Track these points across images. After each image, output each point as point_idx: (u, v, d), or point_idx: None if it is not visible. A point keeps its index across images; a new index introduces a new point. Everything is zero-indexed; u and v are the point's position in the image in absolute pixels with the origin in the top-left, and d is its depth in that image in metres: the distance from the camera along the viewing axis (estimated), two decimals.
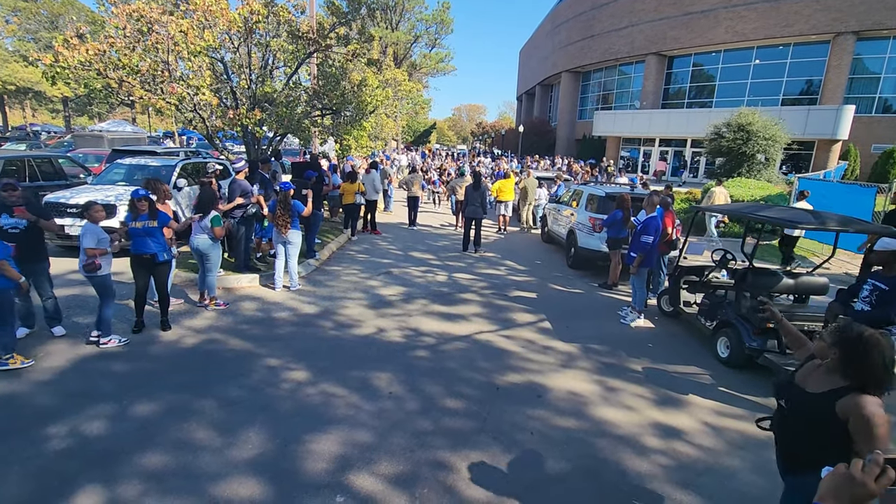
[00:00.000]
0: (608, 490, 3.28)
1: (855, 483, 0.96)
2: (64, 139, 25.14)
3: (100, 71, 6.66)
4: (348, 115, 10.75)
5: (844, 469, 0.99)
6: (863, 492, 0.95)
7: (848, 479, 0.98)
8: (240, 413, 3.96)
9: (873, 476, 0.96)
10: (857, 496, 0.96)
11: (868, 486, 0.95)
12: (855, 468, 0.98)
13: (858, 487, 0.96)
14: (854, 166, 21.20)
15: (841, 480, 0.99)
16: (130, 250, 5.23)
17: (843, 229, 4.70)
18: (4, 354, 4.52)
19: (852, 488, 0.96)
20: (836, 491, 0.99)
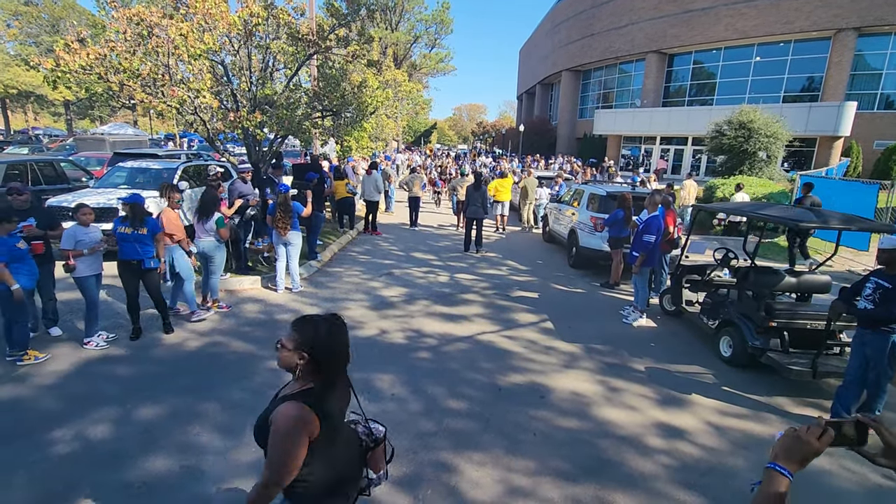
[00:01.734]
0: (612, 491, 3.28)
1: (802, 442, 1.12)
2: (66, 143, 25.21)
3: (101, 75, 6.66)
4: (349, 117, 10.74)
5: (793, 431, 1.16)
6: (808, 449, 1.11)
7: (796, 439, 1.14)
8: (243, 416, 3.96)
9: (816, 436, 1.12)
10: (804, 453, 1.12)
11: (812, 445, 1.11)
12: (802, 430, 1.14)
13: (805, 446, 1.12)
14: (856, 163, 21.13)
15: (790, 441, 1.15)
16: (118, 256, 5.17)
17: (845, 227, 4.68)
18: (19, 351, 4.65)
19: (800, 447, 1.12)
20: (787, 451, 1.14)
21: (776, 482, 1.13)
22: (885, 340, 3.89)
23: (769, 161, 17.71)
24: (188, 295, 5.86)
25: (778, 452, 1.16)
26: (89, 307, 5.03)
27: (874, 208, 9.62)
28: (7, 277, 4.36)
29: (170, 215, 5.75)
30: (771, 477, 1.14)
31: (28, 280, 4.70)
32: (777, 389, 4.85)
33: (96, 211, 7.73)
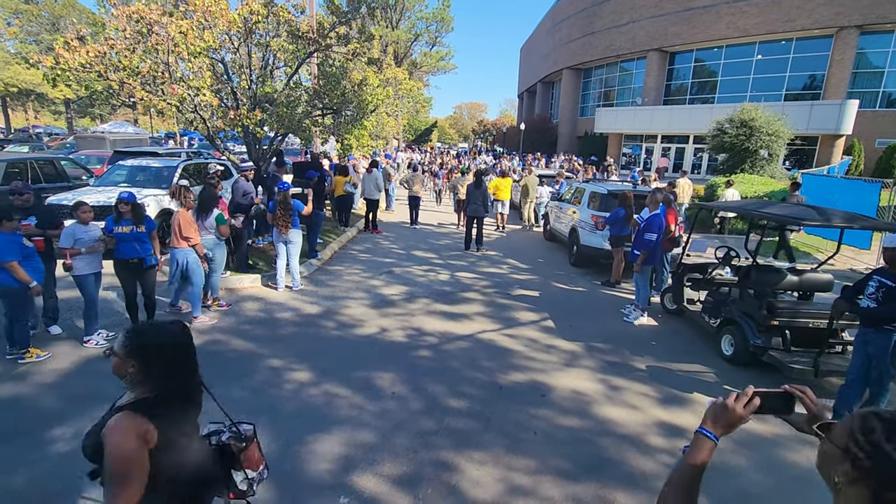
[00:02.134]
0: (613, 490, 3.27)
1: (728, 409, 1.19)
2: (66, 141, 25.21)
3: (100, 73, 6.65)
4: (349, 115, 10.73)
5: (722, 399, 1.23)
6: (734, 415, 1.19)
7: (723, 406, 1.21)
8: (243, 414, 3.93)
9: (742, 403, 1.19)
10: (730, 419, 1.19)
11: (737, 412, 1.19)
12: (729, 398, 1.21)
13: (731, 413, 1.19)
14: (858, 161, 21.06)
15: (718, 408, 1.22)
16: (116, 255, 5.12)
17: (848, 226, 4.66)
18: (20, 349, 4.67)
19: (727, 413, 1.19)
20: (715, 416, 1.22)
21: (703, 444, 1.21)
22: (888, 339, 3.86)
23: (771, 159, 17.66)
24: (195, 298, 5.82)
25: (707, 418, 1.23)
26: (88, 305, 5.03)
27: (876, 207, 9.59)
28: (23, 275, 4.38)
29: (185, 217, 5.72)
30: (698, 440, 1.22)
31: (36, 277, 4.72)
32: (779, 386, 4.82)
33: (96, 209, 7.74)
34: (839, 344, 4.90)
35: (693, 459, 1.20)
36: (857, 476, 0.90)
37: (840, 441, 0.96)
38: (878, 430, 0.90)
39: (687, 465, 1.20)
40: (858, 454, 0.90)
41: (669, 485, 1.21)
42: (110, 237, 5.03)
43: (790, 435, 3.96)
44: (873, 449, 0.89)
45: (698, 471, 1.19)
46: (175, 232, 5.62)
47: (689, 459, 1.21)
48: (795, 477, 3.50)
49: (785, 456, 3.74)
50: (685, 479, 1.19)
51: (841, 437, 0.96)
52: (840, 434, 0.97)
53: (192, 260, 5.73)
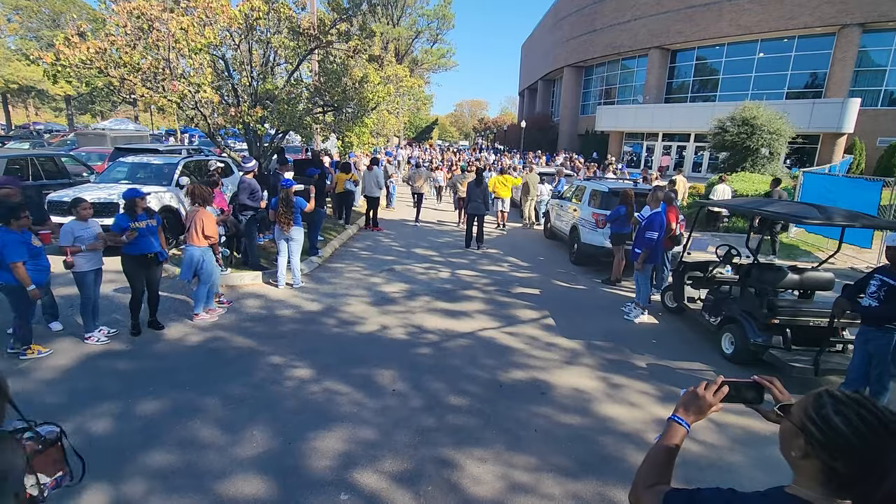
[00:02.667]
0: (613, 487, 3.27)
1: (699, 397, 1.26)
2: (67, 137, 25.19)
3: (101, 69, 6.64)
4: (350, 112, 10.71)
5: (693, 388, 1.30)
6: (704, 403, 1.25)
7: (694, 394, 1.28)
8: (244, 411, 3.96)
9: (712, 391, 1.26)
10: (700, 406, 1.25)
11: (707, 399, 1.25)
12: (700, 386, 1.28)
13: (701, 400, 1.25)
14: (859, 160, 21.02)
15: (690, 396, 1.29)
16: (130, 251, 5.10)
17: (849, 224, 4.66)
18: (22, 346, 4.70)
19: (697, 401, 1.26)
20: (686, 404, 1.28)
21: (673, 431, 1.27)
22: (889, 338, 3.86)
23: (772, 158, 17.64)
24: (199, 296, 5.82)
25: (679, 405, 1.30)
26: (86, 302, 5.03)
27: (877, 205, 9.57)
28: (24, 277, 4.39)
29: (209, 217, 5.73)
30: (670, 427, 1.29)
31: (43, 275, 4.77)
32: None
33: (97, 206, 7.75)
34: (840, 343, 4.90)
35: (666, 443, 1.26)
36: (810, 450, 0.99)
37: (796, 419, 1.04)
38: (828, 406, 0.98)
39: (660, 447, 1.27)
40: (811, 428, 0.98)
41: (643, 463, 1.28)
42: (120, 233, 5.00)
43: None
44: (823, 423, 0.97)
45: (671, 454, 1.25)
46: (196, 229, 5.60)
47: (662, 443, 1.27)
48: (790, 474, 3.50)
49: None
50: (658, 459, 1.26)
51: (797, 415, 1.04)
52: (796, 412, 1.06)
53: (209, 258, 5.77)
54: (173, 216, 8.79)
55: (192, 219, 5.63)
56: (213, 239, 5.77)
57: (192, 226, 5.62)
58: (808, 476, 1.00)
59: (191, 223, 5.63)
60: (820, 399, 1.01)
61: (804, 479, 1.02)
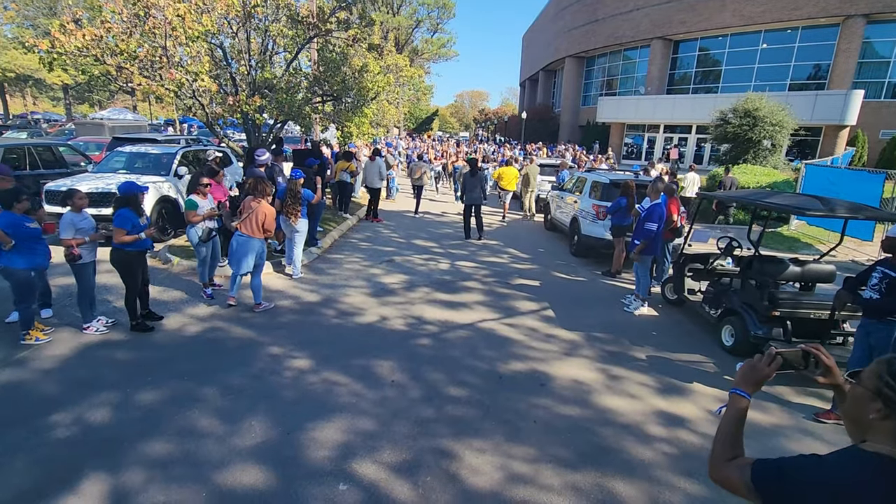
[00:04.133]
0: (612, 478, 3.27)
1: (755, 369, 1.36)
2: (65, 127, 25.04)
3: (97, 57, 6.55)
4: (349, 102, 10.61)
5: (749, 361, 1.40)
6: (760, 373, 1.35)
7: (751, 367, 1.38)
8: (243, 401, 3.96)
9: (767, 363, 1.36)
10: (757, 377, 1.35)
11: (763, 370, 1.35)
12: (755, 359, 1.38)
13: (758, 371, 1.35)
14: (862, 152, 20.91)
15: (747, 369, 1.38)
16: (131, 247, 4.96)
17: (852, 216, 4.62)
18: (22, 330, 4.73)
19: (754, 373, 1.36)
20: (744, 377, 1.38)
21: (738, 402, 1.37)
22: (890, 330, 3.85)
23: (774, 150, 17.53)
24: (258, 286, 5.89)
25: (738, 379, 1.40)
26: (84, 293, 4.99)
27: (879, 198, 9.52)
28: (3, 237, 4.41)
29: (270, 210, 5.77)
30: (733, 399, 1.38)
31: (44, 259, 4.80)
32: (778, 379, 4.79)
33: (95, 196, 7.71)
34: (840, 335, 4.88)
35: (731, 413, 1.36)
36: (889, 412, 1.08)
37: (870, 384, 1.13)
38: None
39: (728, 419, 1.37)
40: (888, 392, 1.07)
41: (716, 441, 1.36)
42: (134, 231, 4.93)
43: (792, 426, 3.99)
44: None
45: (740, 423, 1.36)
46: (256, 222, 5.62)
47: (728, 413, 1.37)
48: None
49: (786, 446, 3.74)
50: (731, 431, 1.35)
51: (870, 380, 1.13)
52: (868, 378, 1.14)
53: (264, 251, 5.89)
54: (172, 206, 8.75)
55: (254, 210, 5.62)
56: (270, 233, 5.82)
57: (253, 217, 5.61)
58: (886, 435, 1.09)
59: (251, 214, 5.62)
60: (892, 365, 1.10)
61: (883, 437, 1.10)
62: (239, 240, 5.69)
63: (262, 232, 5.72)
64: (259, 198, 5.71)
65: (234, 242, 5.72)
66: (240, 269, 5.75)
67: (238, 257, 5.70)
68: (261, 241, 5.79)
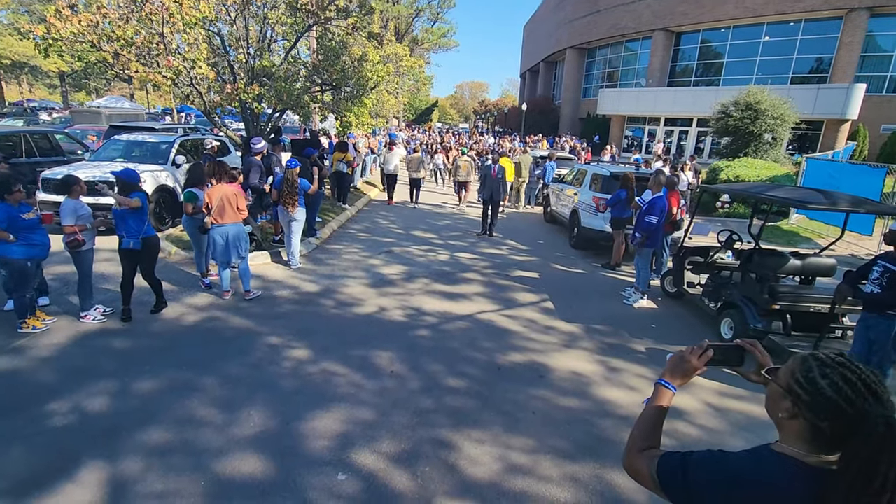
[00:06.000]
0: (611, 470, 3.27)
1: (685, 361, 1.30)
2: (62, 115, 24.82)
3: (93, 43, 6.46)
4: (349, 91, 10.52)
5: (679, 352, 1.34)
6: (689, 366, 1.29)
7: (680, 358, 1.31)
8: (241, 391, 3.95)
9: (697, 355, 1.29)
10: (686, 370, 1.29)
11: (693, 363, 1.28)
12: (686, 350, 1.32)
13: (687, 363, 1.29)
14: (862, 147, 20.85)
15: (676, 360, 1.32)
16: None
17: (854, 210, 4.60)
18: (18, 319, 4.71)
19: (683, 365, 1.30)
20: (672, 368, 1.32)
21: (661, 395, 1.32)
22: (890, 324, 3.85)
23: (775, 143, 17.47)
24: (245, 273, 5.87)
25: (666, 370, 1.34)
26: (83, 281, 4.97)
27: (880, 192, 9.50)
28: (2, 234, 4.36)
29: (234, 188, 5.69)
30: (657, 391, 1.33)
31: (42, 250, 4.73)
32: None
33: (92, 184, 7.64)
34: (839, 329, 4.88)
35: (655, 406, 1.31)
36: (797, 411, 1.03)
37: (783, 381, 1.08)
38: (815, 370, 1.02)
39: (649, 410, 1.32)
40: (798, 391, 1.03)
41: (634, 428, 1.32)
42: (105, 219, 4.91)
43: None
44: (810, 386, 1.01)
45: (660, 416, 1.31)
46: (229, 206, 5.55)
47: (652, 406, 1.32)
48: None
49: None
50: (649, 422, 1.31)
51: (784, 378, 1.08)
52: (783, 375, 1.09)
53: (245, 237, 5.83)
54: (170, 195, 8.69)
55: (221, 197, 5.51)
56: (246, 211, 5.74)
57: (225, 203, 5.50)
58: (795, 435, 1.05)
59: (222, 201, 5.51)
60: (806, 363, 1.05)
61: (790, 437, 1.06)
62: (220, 230, 5.57)
63: (238, 213, 5.60)
64: (219, 181, 5.60)
65: (216, 236, 5.58)
66: (230, 259, 5.70)
67: (224, 249, 5.63)
68: (240, 225, 5.67)
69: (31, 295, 4.88)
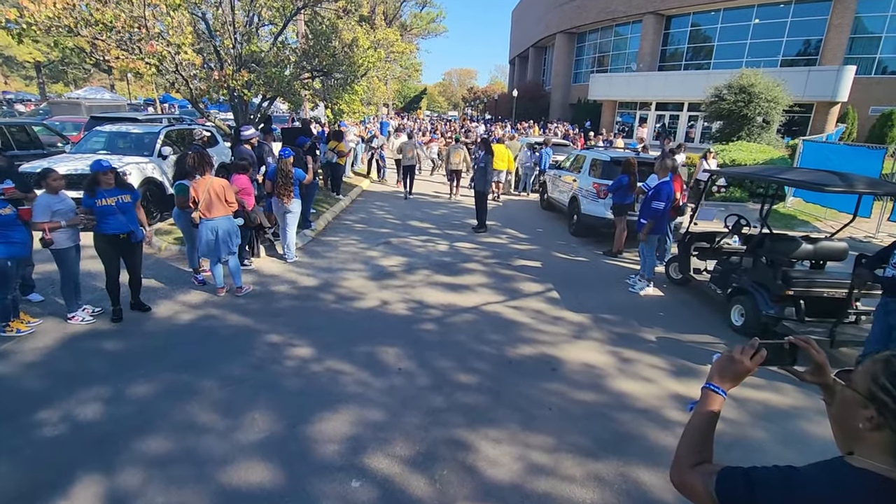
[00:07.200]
0: (636, 467, 3.15)
1: (735, 362, 1.18)
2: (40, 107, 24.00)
3: (70, 28, 6.10)
4: (339, 78, 10.20)
5: (727, 352, 1.21)
6: (741, 368, 1.17)
7: (730, 359, 1.19)
8: (243, 393, 3.75)
9: (748, 356, 1.17)
10: (737, 372, 1.17)
11: (745, 364, 1.17)
12: (735, 350, 1.20)
13: (738, 365, 1.17)
14: (851, 129, 20.94)
15: (725, 361, 1.20)
16: (98, 230, 4.64)
17: (871, 192, 4.49)
18: (1, 322, 4.44)
19: (733, 366, 1.18)
20: (721, 371, 1.20)
21: (710, 401, 1.19)
22: None
23: (767, 127, 17.41)
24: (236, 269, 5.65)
25: (713, 373, 1.21)
26: (66, 281, 4.69)
27: (879, 173, 9.46)
28: None
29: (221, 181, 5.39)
30: (706, 396, 1.20)
31: (21, 248, 4.43)
32: None
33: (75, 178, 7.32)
34: (854, 314, 4.80)
35: (704, 414, 1.18)
36: (883, 420, 0.90)
37: (862, 387, 0.95)
38: None
39: (699, 419, 1.18)
40: (883, 398, 0.90)
41: (683, 440, 1.19)
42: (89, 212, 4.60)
43: (810, 407, 3.89)
44: None
45: (711, 425, 1.17)
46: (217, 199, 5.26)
47: (700, 411, 1.19)
48: (816, 449, 3.42)
49: (805, 428, 3.65)
50: (699, 432, 1.17)
51: (863, 382, 0.95)
52: (861, 380, 0.96)
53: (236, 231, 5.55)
54: (157, 188, 8.36)
55: (208, 189, 5.19)
56: (235, 204, 5.45)
57: (213, 196, 5.20)
58: (879, 448, 0.92)
59: (209, 194, 5.19)
60: (891, 365, 0.92)
61: (872, 450, 0.93)
62: (209, 225, 5.27)
63: (227, 206, 5.32)
64: (204, 174, 5.32)
65: (205, 231, 5.28)
66: (220, 254, 5.42)
67: (215, 244, 5.34)
68: (230, 218, 5.40)
69: (14, 296, 4.60)
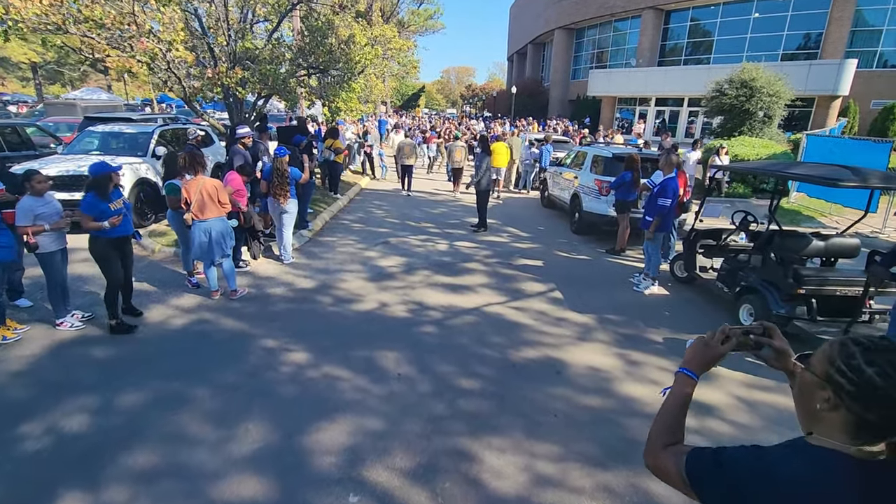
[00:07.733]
0: (647, 477, 3.01)
1: (707, 347, 1.23)
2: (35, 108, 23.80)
3: (59, 24, 5.94)
4: (336, 75, 10.02)
5: (700, 338, 1.27)
6: (712, 353, 1.22)
7: (702, 345, 1.24)
8: (237, 401, 3.61)
9: (720, 341, 1.22)
10: (708, 357, 1.22)
11: (716, 349, 1.22)
12: (707, 337, 1.25)
13: (709, 350, 1.22)
14: (853, 123, 20.77)
15: (697, 347, 1.25)
16: (104, 234, 4.44)
17: (887, 186, 4.34)
18: None
19: (705, 352, 1.23)
20: (694, 356, 1.24)
21: (684, 384, 1.22)
22: None
23: (769, 121, 17.24)
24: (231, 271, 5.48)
25: (687, 358, 1.25)
26: (53, 286, 4.53)
27: (885, 167, 9.31)
28: None
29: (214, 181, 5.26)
30: (680, 379, 1.24)
31: (7, 252, 4.31)
32: None
33: (66, 179, 7.17)
34: (867, 312, 4.65)
35: (677, 396, 1.22)
36: (839, 401, 0.93)
37: (820, 370, 0.98)
38: (858, 356, 0.92)
39: (672, 401, 1.22)
40: (839, 380, 0.92)
41: (656, 422, 1.22)
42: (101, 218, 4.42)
43: None
44: (855, 374, 0.90)
45: (683, 407, 1.21)
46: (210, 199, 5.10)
47: (673, 395, 1.23)
48: None
49: None
50: (672, 414, 1.21)
51: (820, 365, 0.98)
52: (819, 363, 0.99)
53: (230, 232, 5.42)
54: (151, 189, 8.20)
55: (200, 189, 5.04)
56: (229, 204, 5.30)
57: (205, 196, 5.04)
58: (835, 427, 0.95)
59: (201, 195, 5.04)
60: (846, 348, 0.95)
61: (829, 429, 0.96)
62: (202, 227, 5.11)
63: (221, 207, 5.18)
64: (196, 174, 5.15)
65: (198, 233, 5.12)
66: (213, 257, 5.26)
67: (209, 246, 5.19)
68: (224, 219, 5.26)
69: (1, 301, 4.46)
